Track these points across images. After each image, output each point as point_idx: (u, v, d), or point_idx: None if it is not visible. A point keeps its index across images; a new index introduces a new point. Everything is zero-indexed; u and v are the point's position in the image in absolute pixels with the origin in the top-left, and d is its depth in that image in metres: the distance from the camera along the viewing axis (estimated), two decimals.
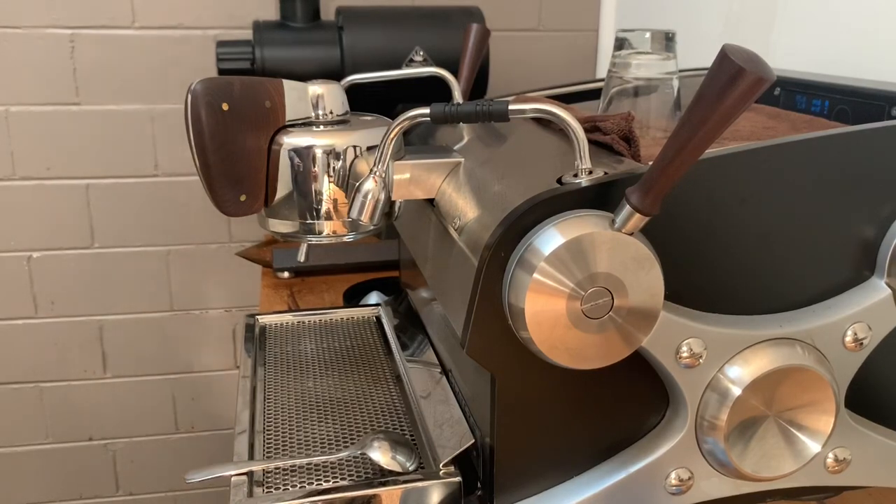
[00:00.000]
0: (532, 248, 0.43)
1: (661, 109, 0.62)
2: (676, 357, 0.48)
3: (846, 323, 0.50)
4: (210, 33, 1.24)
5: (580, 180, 0.46)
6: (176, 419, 1.45)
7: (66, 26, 1.21)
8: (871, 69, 0.76)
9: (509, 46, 1.33)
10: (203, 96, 0.56)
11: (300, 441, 0.61)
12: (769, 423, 0.49)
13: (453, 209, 0.55)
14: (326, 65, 1.06)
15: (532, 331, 0.43)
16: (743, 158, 0.47)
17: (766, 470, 0.50)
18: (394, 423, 0.63)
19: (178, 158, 1.28)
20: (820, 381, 0.49)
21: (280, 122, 0.60)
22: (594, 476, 0.52)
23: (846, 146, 0.49)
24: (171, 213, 1.32)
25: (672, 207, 0.46)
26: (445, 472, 0.54)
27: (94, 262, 1.31)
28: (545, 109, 0.48)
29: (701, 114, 0.38)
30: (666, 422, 0.52)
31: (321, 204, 0.60)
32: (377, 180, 0.53)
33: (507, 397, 0.49)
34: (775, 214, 0.49)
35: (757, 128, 0.60)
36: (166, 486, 1.48)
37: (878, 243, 0.51)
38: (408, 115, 0.51)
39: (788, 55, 0.88)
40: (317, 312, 0.85)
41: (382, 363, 0.74)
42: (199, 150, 0.57)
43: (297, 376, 0.71)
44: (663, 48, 0.62)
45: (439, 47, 1.08)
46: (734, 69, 0.36)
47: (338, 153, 0.59)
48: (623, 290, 0.43)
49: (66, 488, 1.43)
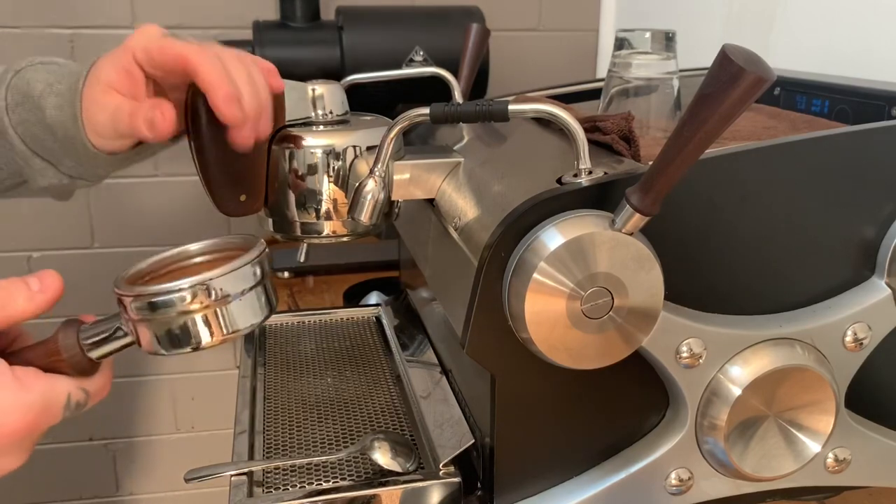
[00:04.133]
0: (532, 248, 0.43)
1: (661, 109, 0.62)
2: (676, 357, 0.48)
3: (846, 323, 0.50)
4: (210, 33, 1.24)
5: (580, 180, 0.46)
6: (176, 419, 1.45)
7: (66, 26, 1.20)
8: (871, 69, 0.76)
9: (509, 46, 1.33)
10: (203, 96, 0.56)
11: (300, 441, 0.61)
12: (769, 424, 0.49)
13: (453, 209, 0.55)
14: (326, 65, 1.06)
15: (532, 331, 0.43)
16: (743, 158, 0.47)
17: (766, 470, 0.50)
18: (394, 423, 0.63)
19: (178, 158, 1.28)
20: (820, 381, 0.49)
21: (280, 122, 0.60)
22: (594, 476, 0.52)
23: (846, 146, 0.49)
24: (171, 213, 1.32)
25: (672, 207, 0.45)
26: (445, 472, 0.54)
27: (94, 262, 1.31)
28: (545, 109, 0.48)
29: (701, 114, 0.38)
30: (666, 422, 0.52)
31: (321, 204, 0.60)
32: (377, 180, 0.53)
33: (507, 397, 0.49)
34: (775, 214, 0.49)
35: (757, 128, 0.60)
36: (166, 486, 1.48)
37: (878, 243, 0.51)
38: (408, 115, 0.51)
39: (788, 55, 0.88)
40: (317, 312, 0.85)
41: (382, 363, 0.74)
42: (198, 150, 0.57)
43: (297, 376, 0.71)
44: (663, 48, 0.62)
45: (439, 47, 1.08)
46: (734, 69, 0.36)
47: (338, 153, 0.59)
48: (623, 290, 0.43)
49: (66, 488, 1.43)
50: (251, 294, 0.44)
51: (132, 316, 0.43)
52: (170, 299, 0.42)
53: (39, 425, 0.42)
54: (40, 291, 0.44)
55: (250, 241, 0.47)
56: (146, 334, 0.44)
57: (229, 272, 0.43)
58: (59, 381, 0.44)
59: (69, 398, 0.44)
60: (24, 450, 0.43)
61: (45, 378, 0.43)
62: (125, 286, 0.44)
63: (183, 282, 0.42)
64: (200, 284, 0.42)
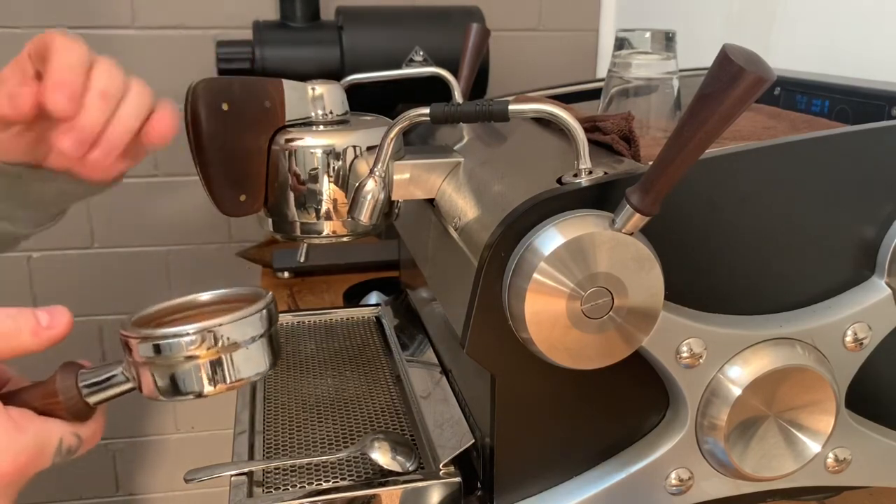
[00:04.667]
0: (532, 247, 0.43)
1: (661, 109, 0.62)
2: (676, 357, 0.48)
3: (846, 323, 0.50)
4: (210, 33, 1.24)
5: (580, 180, 0.46)
6: (176, 419, 1.45)
7: (66, 26, 1.20)
8: (871, 69, 0.76)
9: (509, 46, 1.33)
10: (203, 96, 0.56)
11: (300, 441, 0.61)
12: (769, 423, 0.49)
13: (453, 209, 0.55)
14: (326, 65, 1.06)
15: (532, 331, 0.43)
16: (743, 158, 0.47)
17: (766, 470, 0.50)
18: (394, 423, 0.63)
19: (178, 158, 1.28)
20: (820, 381, 0.49)
21: (280, 122, 0.60)
22: (594, 476, 0.52)
23: (846, 146, 0.49)
24: (171, 213, 1.32)
25: (672, 207, 0.45)
26: (445, 472, 0.54)
27: (94, 262, 1.31)
28: (545, 109, 0.48)
29: (701, 114, 0.38)
30: (666, 422, 0.52)
31: (321, 204, 0.60)
32: (377, 180, 0.53)
33: (507, 397, 0.49)
34: (775, 214, 0.49)
35: (757, 128, 0.60)
36: (166, 486, 1.48)
37: (878, 243, 0.51)
38: (408, 115, 0.51)
39: (788, 55, 0.88)
40: (317, 312, 0.85)
41: (382, 363, 0.74)
42: (198, 150, 0.57)
43: (297, 376, 0.71)
44: (663, 48, 0.62)
45: (439, 47, 1.08)
46: (734, 69, 0.36)
47: (338, 153, 0.59)
48: (623, 290, 0.43)
49: (66, 488, 1.43)
50: (258, 343, 0.44)
51: (137, 359, 0.43)
52: (177, 343, 0.42)
53: (29, 470, 0.41)
54: (48, 328, 0.42)
55: (259, 293, 0.47)
56: (148, 379, 0.43)
57: (237, 320, 0.43)
58: (52, 425, 0.42)
59: (61, 442, 0.42)
60: (10, 494, 0.41)
61: (39, 420, 0.42)
62: (132, 328, 0.44)
63: (190, 326, 0.42)
64: (208, 331, 0.42)
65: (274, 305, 0.46)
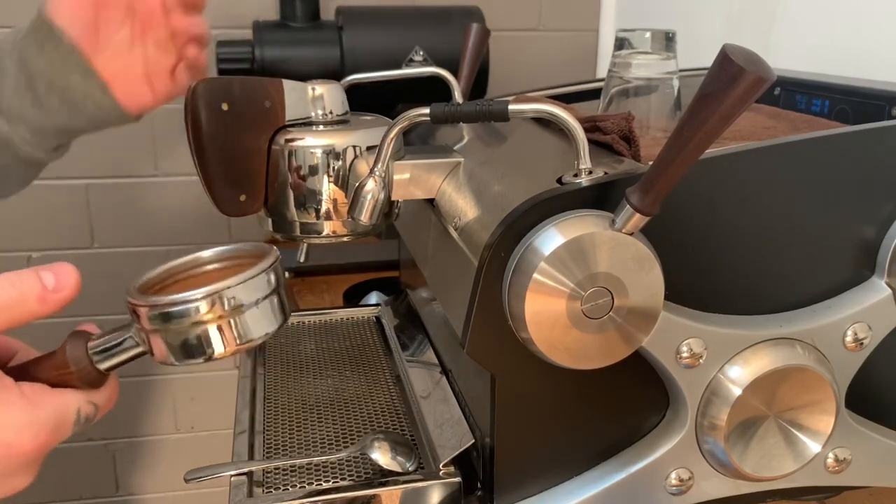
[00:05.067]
0: (532, 247, 0.43)
1: (661, 109, 0.62)
2: (676, 357, 0.48)
3: (846, 323, 0.50)
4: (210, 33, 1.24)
5: (580, 180, 0.46)
6: (176, 419, 1.45)
7: None
8: (871, 69, 0.76)
9: (509, 46, 1.33)
10: (203, 96, 0.56)
11: (300, 441, 0.61)
12: (769, 423, 0.49)
13: (453, 209, 0.55)
14: (326, 65, 1.06)
15: (532, 331, 0.43)
16: (743, 158, 0.47)
17: (766, 470, 0.50)
18: (394, 423, 0.63)
19: (178, 158, 1.28)
20: (820, 381, 0.49)
21: (280, 122, 0.60)
22: (594, 476, 0.52)
23: (846, 146, 0.49)
24: (171, 213, 1.32)
25: (672, 207, 0.45)
26: (445, 472, 0.54)
27: (94, 262, 1.31)
28: (545, 109, 0.48)
29: (701, 114, 0.38)
30: (666, 422, 0.52)
31: (321, 204, 0.60)
32: (377, 180, 0.53)
33: (507, 397, 0.49)
34: (775, 214, 0.49)
35: (757, 128, 0.60)
36: (166, 487, 1.48)
37: (878, 243, 0.51)
38: (408, 115, 0.51)
39: (788, 55, 0.88)
40: (317, 312, 0.85)
41: (382, 363, 0.74)
42: (198, 150, 0.57)
43: (297, 376, 0.71)
44: (663, 48, 0.62)
45: (439, 47, 1.08)
46: (734, 69, 0.36)
47: (338, 153, 0.59)
48: (623, 290, 0.43)
49: (66, 488, 1.43)
50: (265, 303, 0.44)
51: (146, 326, 0.43)
52: (185, 309, 0.41)
53: (50, 443, 0.41)
54: (55, 291, 0.41)
55: (263, 249, 0.46)
56: (159, 344, 0.43)
57: (244, 281, 0.42)
58: (68, 396, 0.42)
59: (79, 412, 0.43)
60: (33, 469, 0.41)
61: (54, 394, 0.42)
62: (138, 296, 0.43)
63: (198, 292, 0.41)
64: (215, 294, 0.42)
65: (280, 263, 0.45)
